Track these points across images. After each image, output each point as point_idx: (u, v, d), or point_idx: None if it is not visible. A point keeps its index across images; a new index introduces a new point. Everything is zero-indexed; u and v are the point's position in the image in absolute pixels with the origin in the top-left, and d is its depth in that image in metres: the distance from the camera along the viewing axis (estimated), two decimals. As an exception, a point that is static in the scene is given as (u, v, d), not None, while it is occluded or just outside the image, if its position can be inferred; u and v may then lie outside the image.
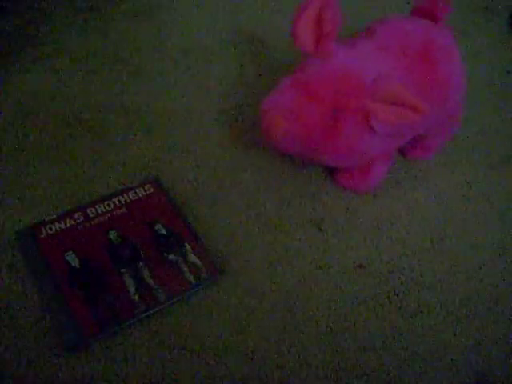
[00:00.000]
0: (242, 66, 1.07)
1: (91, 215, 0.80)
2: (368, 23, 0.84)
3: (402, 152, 0.92)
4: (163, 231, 0.79)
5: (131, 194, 0.83)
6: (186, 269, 0.75)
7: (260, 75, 1.05)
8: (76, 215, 0.80)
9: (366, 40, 0.78)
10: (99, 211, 0.80)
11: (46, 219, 0.79)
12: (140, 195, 0.83)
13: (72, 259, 0.75)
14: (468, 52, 1.14)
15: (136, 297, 0.72)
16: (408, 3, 1.11)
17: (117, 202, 0.82)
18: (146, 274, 0.74)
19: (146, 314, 0.71)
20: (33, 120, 0.94)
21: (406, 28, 0.79)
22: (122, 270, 0.74)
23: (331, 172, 0.88)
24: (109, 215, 0.80)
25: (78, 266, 0.74)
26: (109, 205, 0.81)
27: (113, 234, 0.78)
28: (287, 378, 0.68)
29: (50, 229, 0.78)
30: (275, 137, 0.74)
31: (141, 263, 0.75)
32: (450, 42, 0.82)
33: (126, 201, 0.82)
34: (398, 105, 0.70)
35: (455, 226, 0.85)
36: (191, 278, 0.74)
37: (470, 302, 0.76)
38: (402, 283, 0.78)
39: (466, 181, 0.91)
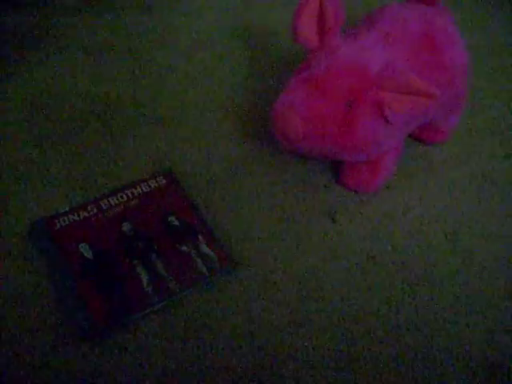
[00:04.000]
0: (253, 58, 1.07)
1: (104, 207, 0.80)
2: (366, 14, 0.84)
3: (417, 138, 0.92)
4: (176, 223, 0.79)
5: (144, 186, 0.83)
6: (198, 260, 0.75)
7: (272, 68, 1.05)
8: (89, 207, 0.80)
9: (368, 31, 0.78)
10: (112, 203, 0.81)
11: (60, 211, 0.80)
12: (153, 187, 0.83)
13: (85, 250, 0.75)
14: (483, 41, 1.13)
15: (149, 288, 0.72)
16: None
17: (130, 194, 0.82)
18: (159, 265, 0.74)
19: (158, 305, 0.71)
20: (46, 113, 0.95)
21: (405, 14, 0.80)
22: (135, 262, 0.75)
23: (336, 173, 0.88)
24: (122, 207, 0.80)
25: (91, 258, 0.75)
26: (122, 197, 0.82)
27: (126, 226, 0.78)
28: (300, 369, 0.68)
29: (64, 221, 0.78)
30: (293, 139, 0.73)
31: (154, 254, 0.75)
32: (450, 23, 0.82)
33: (138, 193, 0.82)
34: (409, 93, 0.70)
35: (469, 218, 0.84)
36: (204, 270, 0.74)
37: (483, 294, 0.76)
38: (415, 275, 0.77)
39: (480, 172, 0.90)
